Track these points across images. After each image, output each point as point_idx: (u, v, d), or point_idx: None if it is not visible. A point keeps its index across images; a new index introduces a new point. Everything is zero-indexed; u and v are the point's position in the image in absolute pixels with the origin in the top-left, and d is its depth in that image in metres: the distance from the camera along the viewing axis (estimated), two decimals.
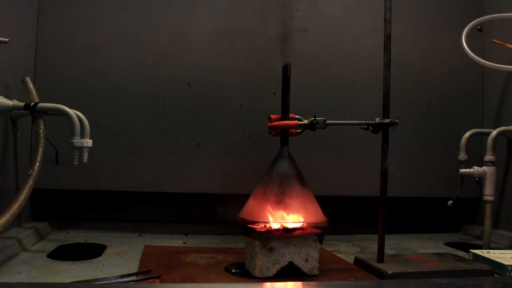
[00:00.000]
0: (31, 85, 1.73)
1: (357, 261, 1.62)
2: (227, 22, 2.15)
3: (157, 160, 2.09)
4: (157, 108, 2.09)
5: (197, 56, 2.13)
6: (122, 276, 1.34)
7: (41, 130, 1.68)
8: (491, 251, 1.69)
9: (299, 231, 1.44)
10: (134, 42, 2.08)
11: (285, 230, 1.42)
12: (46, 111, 1.69)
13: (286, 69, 1.53)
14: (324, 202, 1.53)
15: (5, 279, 1.32)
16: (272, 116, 1.54)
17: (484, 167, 1.91)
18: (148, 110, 2.09)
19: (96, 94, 2.05)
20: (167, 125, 2.10)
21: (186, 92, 2.11)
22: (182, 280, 1.35)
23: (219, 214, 1.60)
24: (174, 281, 1.33)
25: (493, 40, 2.09)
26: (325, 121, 1.55)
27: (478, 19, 1.98)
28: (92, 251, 1.70)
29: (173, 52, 2.11)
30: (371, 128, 1.56)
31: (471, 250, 1.69)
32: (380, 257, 1.54)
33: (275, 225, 1.43)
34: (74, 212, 2.11)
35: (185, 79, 2.11)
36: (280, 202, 1.44)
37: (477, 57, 1.90)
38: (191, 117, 2.12)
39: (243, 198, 1.54)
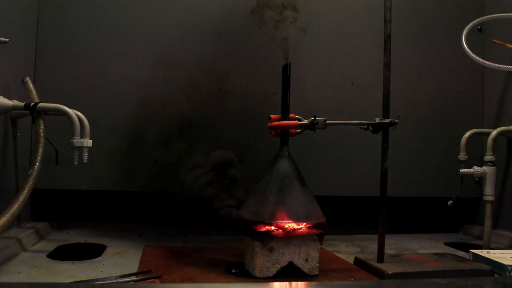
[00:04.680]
0: (31, 85, 1.73)
1: (357, 261, 1.63)
2: (227, 22, 2.15)
3: (157, 159, 2.09)
4: (157, 107, 2.09)
5: (197, 56, 2.13)
6: (122, 276, 1.34)
7: (41, 130, 1.68)
8: (491, 251, 1.69)
9: (299, 231, 1.44)
10: (134, 41, 2.08)
11: (285, 230, 1.42)
12: (46, 111, 1.69)
13: (286, 69, 1.53)
14: (324, 202, 1.53)
15: (5, 279, 1.31)
16: (272, 116, 1.54)
17: (484, 167, 1.91)
18: (148, 110, 2.09)
19: (96, 94, 2.05)
20: (166, 124, 2.10)
21: (186, 92, 2.11)
22: (182, 280, 1.35)
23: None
24: (174, 281, 1.33)
25: (493, 40, 2.09)
26: (325, 121, 1.55)
27: (478, 19, 1.98)
28: (92, 251, 1.70)
29: (173, 52, 2.11)
30: (371, 128, 1.56)
31: (471, 250, 1.69)
32: (380, 257, 1.54)
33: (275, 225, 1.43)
34: (74, 212, 2.11)
35: (185, 79, 2.11)
36: (280, 202, 1.44)
37: (477, 57, 1.90)
38: (191, 116, 2.11)
39: (243, 198, 1.54)
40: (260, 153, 2.03)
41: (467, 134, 2.08)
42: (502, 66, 1.86)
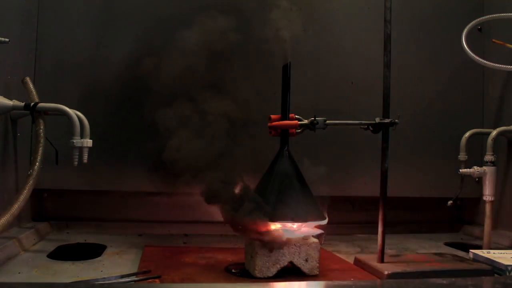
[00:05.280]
0: (31, 85, 1.73)
1: (357, 261, 1.63)
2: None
3: (157, 159, 2.08)
4: (157, 107, 2.09)
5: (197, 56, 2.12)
6: (122, 276, 1.35)
7: (41, 130, 1.68)
8: (491, 251, 1.69)
9: (299, 231, 1.44)
10: (134, 43, 2.08)
11: (285, 230, 1.42)
12: (46, 111, 1.69)
13: (286, 69, 1.53)
14: (324, 202, 1.53)
15: (5, 279, 1.31)
16: (272, 116, 1.54)
17: (484, 167, 1.91)
18: (147, 110, 2.08)
19: (96, 94, 2.05)
20: (167, 124, 2.09)
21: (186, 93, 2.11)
22: (182, 280, 1.35)
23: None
24: (174, 281, 1.33)
25: (493, 40, 2.09)
26: (325, 121, 1.55)
27: (478, 19, 1.98)
28: (92, 251, 1.70)
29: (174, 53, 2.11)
30: (371, 128, 1.56)
31: (471, 250, 1.69)
32: (380, 257, 1.54)
33: (275, 225, 1.43)
34: (74, 212, 2.11)
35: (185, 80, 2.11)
36: (280, 202, 1.44)
37: (477, 57, 1.90)
38: (191, 116, 2.11)
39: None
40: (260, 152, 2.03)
41: (467, 134, 2.08)
42: (502, 66, 1.86)
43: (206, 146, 1.73)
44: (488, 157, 1.92)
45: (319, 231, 1.47)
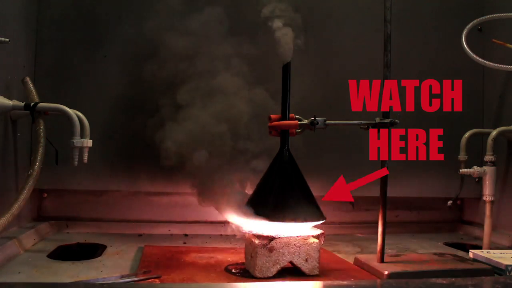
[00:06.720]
0: (31, 85, 1.73)
1: (357, 261, 1.63)
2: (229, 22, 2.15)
3: (157, 159, 2.09)
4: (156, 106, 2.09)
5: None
6: (122, 276, 1.35)
7: (41, 130, 1.68)
8: (491, 251, 1.69)
9: (299, 231, 1.44)
10: (134, 43, 2.08)
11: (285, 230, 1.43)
12: (46, 111, 1.69)
13: (286, 69, 1.53)
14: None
15: (5, 279, 1.32)
16: (272, 116, 1.54)
17: (484, 167, 1.91)
18: (147, 110, 2.08)
19: (96, 94, 2.05)
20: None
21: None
22: (182, 280, 1.35)
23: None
24: (174, 281, 1.33)
25: (493, 40, 2.09)
26: (325, 121, 1.55)
27: (478, 19, 1.98)
28: (92, 251, 1.70)
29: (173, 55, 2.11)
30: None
31: (471, 250, 1.69)
32: (380, 257, 1.54)
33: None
34: (74, 212, 2.11)
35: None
36: (280, 202, 1.44)
37: (477, 57, 1.90)
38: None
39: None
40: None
41: (467, 134, 2.08)
42: (502, 66, 1.86)
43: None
44: (488, 157, 1.92)
45: (319, 231, 1.47)
